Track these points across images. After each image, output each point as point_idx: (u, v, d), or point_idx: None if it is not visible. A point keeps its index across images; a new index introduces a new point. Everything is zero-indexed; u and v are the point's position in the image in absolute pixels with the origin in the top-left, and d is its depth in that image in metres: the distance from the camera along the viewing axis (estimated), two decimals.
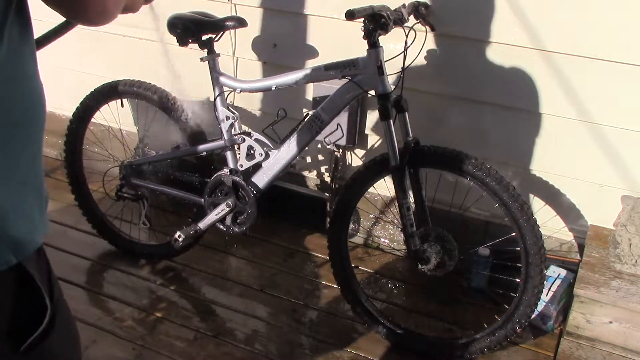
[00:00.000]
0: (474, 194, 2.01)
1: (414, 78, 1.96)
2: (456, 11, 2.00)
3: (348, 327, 2.13)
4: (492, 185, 1.76)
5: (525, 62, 1.98)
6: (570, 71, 1.93)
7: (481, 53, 2.02)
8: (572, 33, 1.87)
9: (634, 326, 1.77)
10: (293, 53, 2.32)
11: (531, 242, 1.75)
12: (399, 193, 1.83)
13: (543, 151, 2.08)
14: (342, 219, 2.04)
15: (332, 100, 1.88)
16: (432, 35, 2.03)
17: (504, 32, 1.96)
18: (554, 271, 2.09)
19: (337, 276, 2.11)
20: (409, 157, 1.81)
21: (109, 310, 2.12)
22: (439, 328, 2.13)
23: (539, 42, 1.92)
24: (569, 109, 1.98)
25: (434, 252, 1.86)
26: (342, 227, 2.05)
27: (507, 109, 2.08)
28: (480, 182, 1.78)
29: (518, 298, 1.84)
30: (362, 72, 1.80)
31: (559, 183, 2.12)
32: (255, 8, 2.31)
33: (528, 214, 1.75)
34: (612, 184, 2.02)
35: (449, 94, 2.14)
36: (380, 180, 1.95)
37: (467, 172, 1.79)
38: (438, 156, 1.82)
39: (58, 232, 2.57)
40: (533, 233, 1.75)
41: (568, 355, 1.85)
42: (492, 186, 1.76)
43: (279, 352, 2.02)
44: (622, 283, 1.80)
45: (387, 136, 1.81)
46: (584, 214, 2.12)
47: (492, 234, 2.25)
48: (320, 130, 1.93)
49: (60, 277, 2.31)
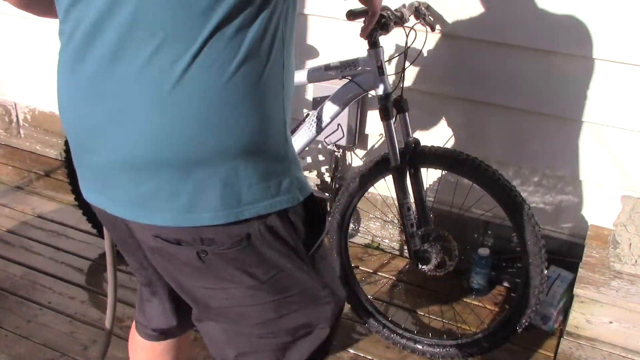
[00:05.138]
0: (475, 194, 2.01)
1: (415, 78, 1.96)
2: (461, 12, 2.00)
3: (348, 327, 2.13)
4: (492, 185, 1.76)
5: (528, 62, 1.98)
6: (572, 70, 1.93)
7: (482, 53, 2.03)
8: (579, 33, 1.87)
9: (634, 326, 1.77)
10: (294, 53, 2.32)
11: (531, 242, 1.75)
12: (399, 193, 1.83)
13: (543, 151, 2.08)
14: (342, 219, 2.04)
15: (332, 101, 1.88)
16: (434, 35, 2.03)
17: (506, 32, 1.96)
18: (554, 271, 2.09)
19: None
20: (409, 157, 1.81)
21: None
22: (439, 328, 2.13)
23: (541, 42, 1.92)
24: (569, 108, 1.98)
25: (434, 252, 1.86)
26: (342, 227, 2.05)
27: (506, 109, 2.08)
28: (480, 182, 1.78)
29: (518, 298, 1.84)
30: (362, 72, 1.80)
31: (559, 183, 2.12)
32: None
33: (528, 214, 1.75)
34: (612, 184, 2.02)
35: (450, 94, 2.14)
36: (380, 180, 1.95)
37: (467, 172, 1.79)
38: (438, 156, 1.82)
39: (58, 232, 2.57)
40: (533, 234, 1.75)
41: (568, 355, 1.85)
42: (492, 186, 1.76)
43: None
44: (622, 283, 1.80)
45: (387, 136, 1.81)
46: (584, 214, 2.12)
47: (493, 233, 2.26)
48: (320, 131, 1.93)
49: (60, 277, 2.33)
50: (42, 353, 1.98)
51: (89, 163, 0.98)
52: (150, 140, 0.88)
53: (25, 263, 2.39)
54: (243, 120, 0.90)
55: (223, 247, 0.96)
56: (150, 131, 0.88)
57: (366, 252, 2.52)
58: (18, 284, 2.28)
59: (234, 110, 0.89)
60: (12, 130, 3.26)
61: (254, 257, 0.98)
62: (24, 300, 2.20)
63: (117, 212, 0.98)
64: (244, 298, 1.03)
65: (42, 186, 2.92)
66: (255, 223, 0.95)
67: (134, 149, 0.90)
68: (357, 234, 2.55)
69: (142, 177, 0.91)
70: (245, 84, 0.88)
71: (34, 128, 3.18)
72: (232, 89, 0.87)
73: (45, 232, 2.58)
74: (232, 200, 0.92)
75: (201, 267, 0.99)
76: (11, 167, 3.09)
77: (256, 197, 0.93)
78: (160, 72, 0.85)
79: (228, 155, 0.90)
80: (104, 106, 0.90)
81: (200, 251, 0.96)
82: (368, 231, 2.53)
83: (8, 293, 2.23)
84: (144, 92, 0.86)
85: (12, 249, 2.48)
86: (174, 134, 0.88)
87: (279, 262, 1.00)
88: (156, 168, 0.90)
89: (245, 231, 0.95)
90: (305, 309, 1.09)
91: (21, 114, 3.19)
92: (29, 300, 2.21)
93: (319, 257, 1.07)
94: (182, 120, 0.87)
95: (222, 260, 0.98)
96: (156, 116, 0.87)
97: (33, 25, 2.77)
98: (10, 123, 3.24)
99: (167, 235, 0.96)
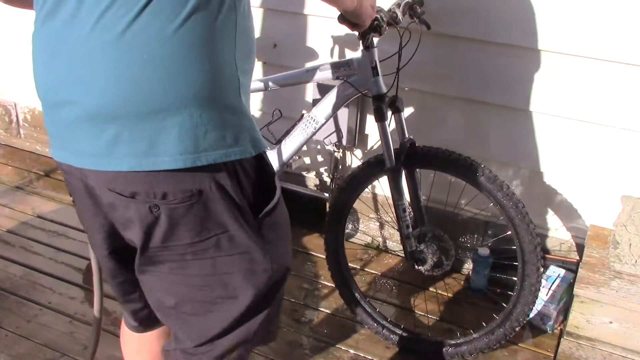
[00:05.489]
0: (470, 193, 2.01)
1: (411, 77, 1.96)
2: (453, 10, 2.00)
3: (348, 327, 2.13)
4: (486, 184, 1.76)
5: (523, 61, 1.98)
6: (569, 70, 1.93)
7: (480, 52, 2.03)
8: (572, 32, 1.87)
9: (634, 326, 1.77)
10: (293, 53, 2.32)
11: (526, 240, 1.76)
12: (394, 194, 1.83)
13: (543, 151, 2.08)
14: (338, 220, 2.04)
15: (327, 101, 1.88)
16: (429, 34, 2.03)
17: (502, 31, 1.96)
18: (554, 271, 2.09)
19: (334, 277, 2.11)
20: (404, 158, 1.81)
21: (108, 310, 2.12)
22: (438, 328, 2.13)
23: (538, 41, 1.92)
24: (569, 108, 1.98)
25: (430, 252, 1.86)
26: (339, 228, 2.04)
27: (507, 109, 2.08)
28: (474, 182, 1.78)
29: (515, 297, 1.84)
30: (356, 72, 1.80)
31: (559, 183, 2.12)
32: (255, 8, 2.31)
33: (522, 213, 1.75)
34: (612, 184, 2.02)
35: (445, 93, 2.14)
36: (375, 180, 1.94)
37: (461, 172, 1.79)
38: (433, 157, 1.82)
39: (58, 232, 2.57)
40: (528, 231, 1.75)
41: (568, 355, 1.85)
42: (486, 185, 1.76)
43: (279, 352, 2.02)
44: (622, 283, 1.80)
45: (382, 137, 1.81)
46: (584, 214, 2.12)
47: (493, 233, 2.26)
48: (315, 131, 1.93)
49: (60, 277, 2.34)
50: (42, 353, 1.98)
51: (57, 120, 1.03)
52: (109, 90, 0.93)
53: (25, 263, 2.39)
54: (195, 69, 0.95)
55: (175, 202, 1.01)
56: (107, 80, 0.93)
57: (365, 252, 2.52)
58: (18, 284, 2.28)
59: (185, 59, 0.94)
60: (12, 130, 3.26)
61: (202, 214, 1.03)
62: (24, 300, 2.20)
63: (78, 163, 1.03)
64: (185, 253, 1.07)
65: (42, 186, 2.93)
66: (207, 179, 1.00)
67: (94, 99, 0.95)
68: (357, 233, 2.56)
69: (104, 127, 0.96)
70: (195, 34, 0.94)
71: (34, 128, 3.18)
72: (182, 37, 0.93)
73: (45, 232, 2.58)
74: (189, 146, 0.97)
75: (150, 222, 1.04)
76: (11, 167, 3.09)
77: (212, 144, 0.99)
78: (112, 23, 0.92)
79: (183, 102, 0.95)
80: (66, 62, 0.96)
81: (153, 205, 1.01)
82: (367, 233, 2.53)
83: (8, 293, 2.23)
84: (99, 40, 0.92)
85: (12, 249, 2.48)
86: (130, 82, 0.93)
87: (225, 222, 1.05)
88: (116, 116, 0.95)
89: (197, 187, 1.00)
90: (241, 271, 1.12)
91: (21, 114, 3.19)
92: (29, 300, 2.21)
93: (269, 224, 1.11)
94: (137, 66, 0.92)
95: (171, 215, 1.02)
96: (111, 63, 0.92)
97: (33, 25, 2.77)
98: (10, 123, 3.24)
99: (122, 189, 1.01)
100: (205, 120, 0.97)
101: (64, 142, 1.04)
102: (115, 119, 0.95)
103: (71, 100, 0.97)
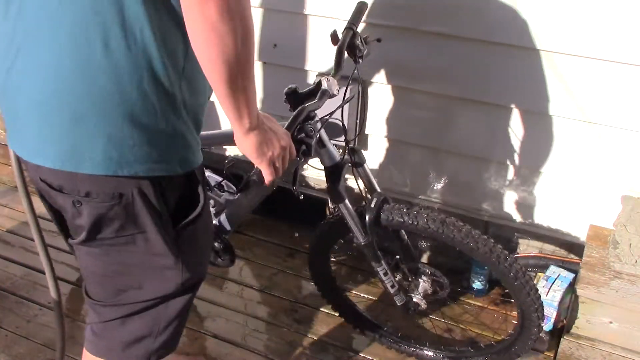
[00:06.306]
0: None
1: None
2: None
3: (348, 327, 2.12)
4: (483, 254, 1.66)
5: (523, 61, 1.98)
6: (569, 70, 1.93)
7: (479, 52, 2.03)
8: (572, 32, 1.87)
9: (634, 326, 1.77)
10: (293, 53, 2.32)
11: (526, 305, 1.69)
12: (372, 263, 1.77)
13: (543, 151, 2.08)
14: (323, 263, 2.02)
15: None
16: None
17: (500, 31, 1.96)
18: (554, 271, 2.09)
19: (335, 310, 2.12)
20: (375, 227, 1.68)
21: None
22: (438, 327, 2.13)
23: (548, 41, 1.92)
24: (569, 108, 1.98)
25: (421, 295, 1.84)
26: (325, 253, 2.01)
27: (507, 109, 2.08)
28: (468, 250, 1.67)
29: (512, 339, 1.84)
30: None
31: (559, 182, 2.12)
32: (255, 8, 2.31)
33: (523, 281, 1.65)
34: (612, 184, 2.02)
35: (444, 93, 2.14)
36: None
37: (446, 238, 1.66)
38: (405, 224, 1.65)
39: (58, 232, 2.56)
40: (529, 298, 1.67)
41: (568, 355, 1.85)
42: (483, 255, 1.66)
43: (279, 352, 2.02)
44: (622, 283, 1.80)
45: (348, 217, 1.69)
46: (584, 213, 2.12)
47: (492, 233, 2.26)
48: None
49: (60, 277, 2.32)
50: (42, 353, 1.98)
51: (9, 110, 1.09)
52: (50, 79, 0.99)
53: (25, 263, 2.39)
54: (130, 88, 0.99)
55: (96, 200, 1.08)
56: (47, 68, 0.99)
57: None
58: (18, 284, 2.28)
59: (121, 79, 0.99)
60: None
61: (122, 214, 1.10)
62: (24, 300, 2.20)
63: (20, 153, 1.10)
64: (100, 245, 1.16)
65: None
66: (129, 185, 1.06)
67: (37, 87, 1.00)
68: None
69: (41, 120, 1.02)
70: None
71: None
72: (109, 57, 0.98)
73: (45, 232, 2.57)
74: (114, 155, 1.02)
75: (74, 214, 1.12)
76: (11, 167, 3.09)
77: (137, 157, 1.03)
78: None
79: (117, 114, 1.00)
80: (15, 51, 1.02)
81: (76, 201, 1.09)
82: None
83: (8, 293, 2.23)
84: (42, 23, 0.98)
85: (12, 249, 2.48)
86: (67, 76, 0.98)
87: (143, 224, 1.11)
88: (51, 111, 1.00)
89: (119, 190, 1.06)
90: (148, 274, 1.20)
91: None
92: (29, 300, 2.21)
93: (187, 235, 1.18)
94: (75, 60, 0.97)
95: (93, 212, 1.09)
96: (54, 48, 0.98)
97: None
98: None
99: (51, 181, 1.09)
100: (135, 135, 1.02)
101: (14, 132, 1.11)
102: (51, 113, 1.01)
103: (23, 87, 1.03)
